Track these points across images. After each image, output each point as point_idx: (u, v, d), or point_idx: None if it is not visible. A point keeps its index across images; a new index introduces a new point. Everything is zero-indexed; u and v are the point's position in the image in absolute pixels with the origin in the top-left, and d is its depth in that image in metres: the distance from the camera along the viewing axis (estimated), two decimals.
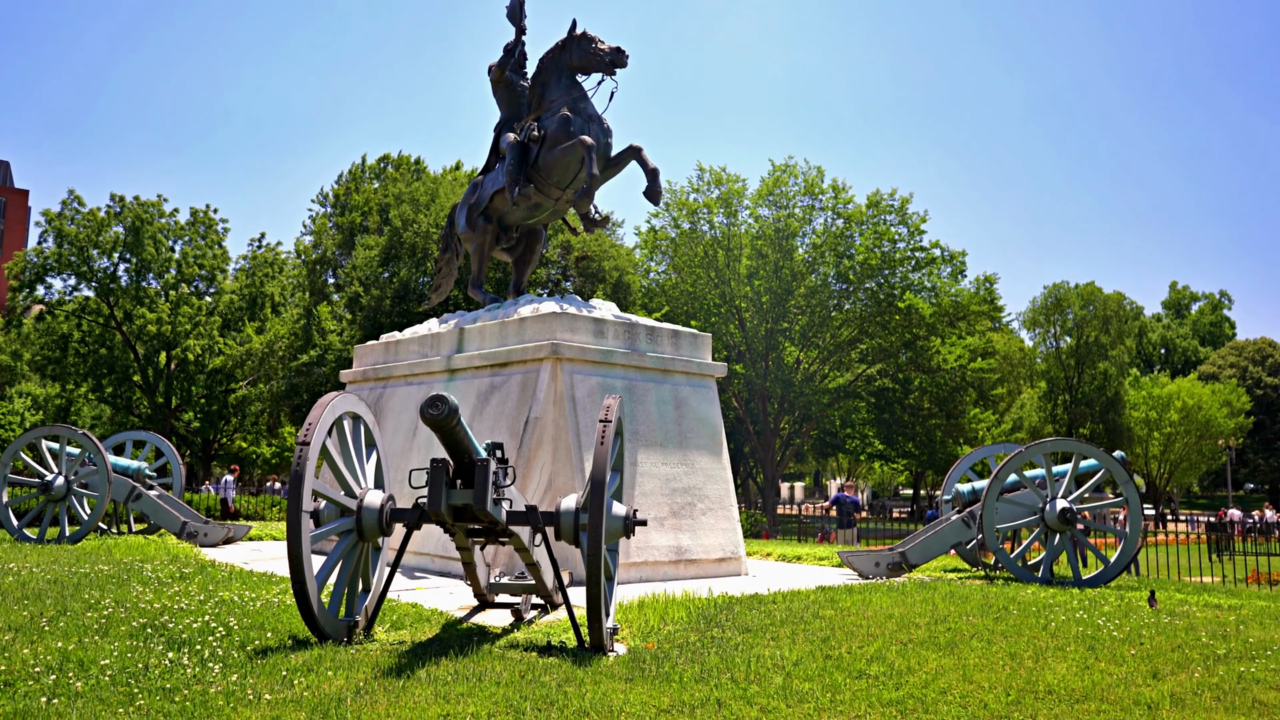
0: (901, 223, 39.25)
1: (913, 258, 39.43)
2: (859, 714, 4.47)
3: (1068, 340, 64.49)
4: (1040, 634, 6.27)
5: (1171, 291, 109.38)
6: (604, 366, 10.61)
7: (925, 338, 40.41)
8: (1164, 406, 63.04)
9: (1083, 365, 62.95)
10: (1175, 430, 63.05)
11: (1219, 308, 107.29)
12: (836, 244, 39.39)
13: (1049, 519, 9.73)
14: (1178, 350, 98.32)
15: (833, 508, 20.47)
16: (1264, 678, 5.40)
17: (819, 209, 40.02)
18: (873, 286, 39.51)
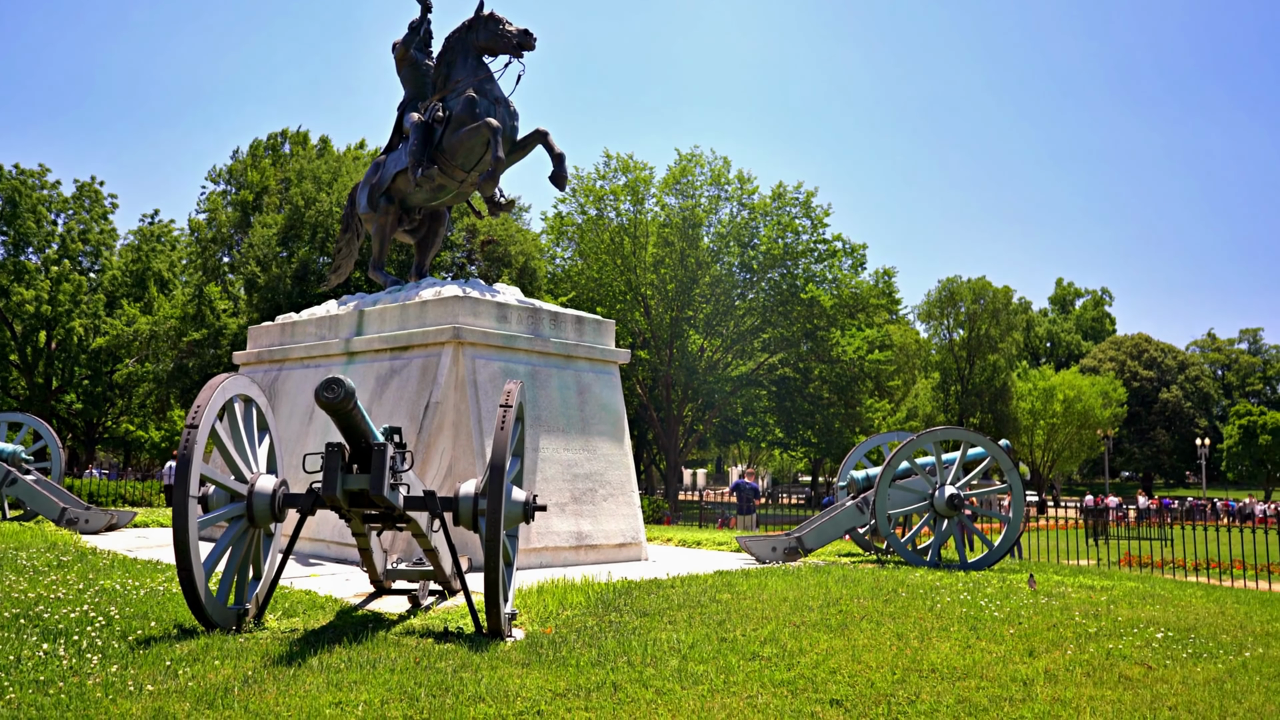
0: (805, 215, 39.99)
1: (815, 250, 40.24)
2: (751, 694, 4.57)
3: (960, 333, 66.76)
4: (927, 615, 6.50)
5: (1058, 288, 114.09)
6: (507, 351, 10.54)
7: (826, 328, 41.30)
8: (1048, 398, 65.91)
9: (974, 357, 65.27)
10: (1058, 420, 66.02)
11: (1101, 304, 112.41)
12: (741, 234, 39.91)
13: (938, 505, 10.08)
14: (1062, 344, 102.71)
15: (733, 494, 20.78)
16: (1130, 653, 5.71)
17: (725, 199, 40.48)
18: (776, 277, 40.17)
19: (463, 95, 11.33)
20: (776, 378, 43.34)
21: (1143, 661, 5.58)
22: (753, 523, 20.94)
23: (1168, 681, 5.22)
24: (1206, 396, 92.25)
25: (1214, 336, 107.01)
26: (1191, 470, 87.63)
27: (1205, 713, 4.73)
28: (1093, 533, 27.47)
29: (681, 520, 30.09)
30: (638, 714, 4.25)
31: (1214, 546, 23.19)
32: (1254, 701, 4.96)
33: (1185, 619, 6.94)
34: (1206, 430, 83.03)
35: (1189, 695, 4.99)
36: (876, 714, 4.42)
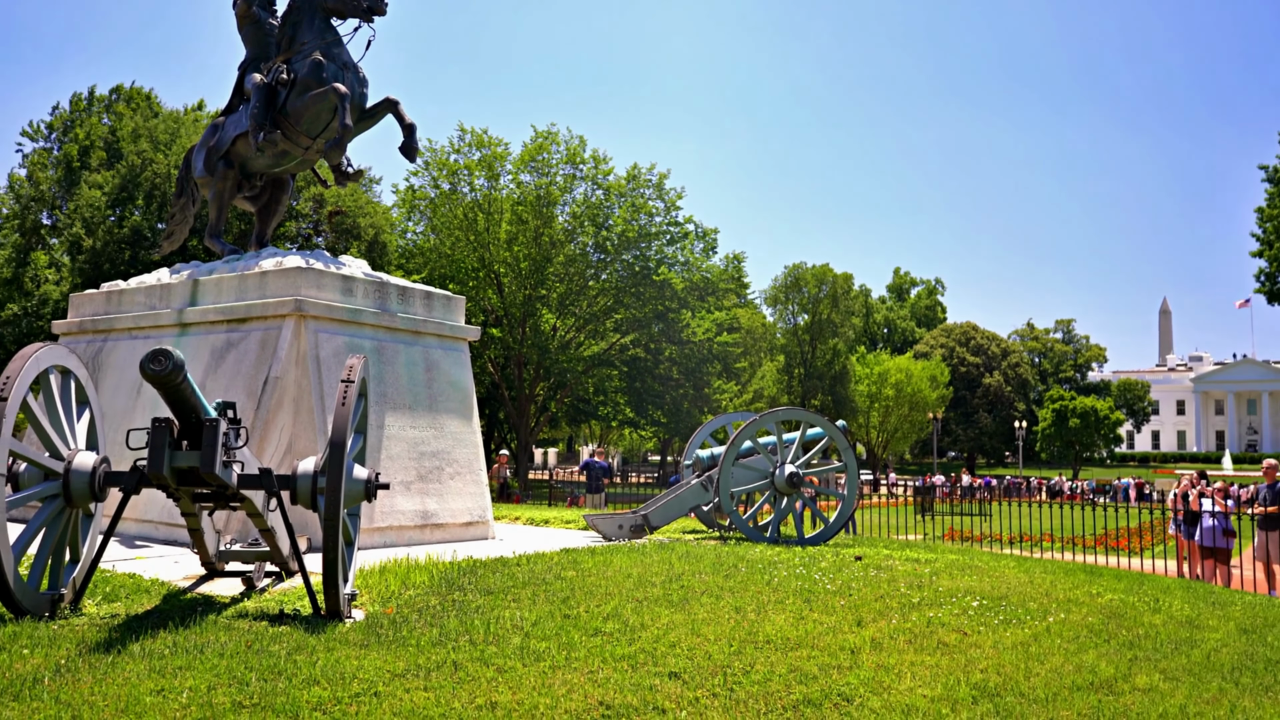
0: (659, 197, 40.43)
1: (668, 232, 40.76)
2: (593, 670, 4.63)
3: (804, 317, 69.07)
4: (764, 589, 6.73)
5: (895, 277, 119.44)
6: (352, 326, 10.24)
7: (677, 310, 41.96)
8: (883, 381, 69.10)
9: (816, 341, 67.69)
10: (891, 402, 69.32)
11: (934, 293, 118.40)
12: (596, 214, 40.00)
13: (778, 483, 10.44)
14: (898, 330, 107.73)
15: (583, 473, 20.89)
16: (948, 621, 6.09)
17: (580, 178, 40.44)
18: (629, 258, 40.49)
19: (309, 58, 10.87)
20: (628, 358, 43.78)
21: (959, 628, 5.95)
22: (601, 501, 21.12)
23: (980, 646, 5.59)
24: (1025, 382, 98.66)
25: (1033, 326, 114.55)
26: (1010, 450, 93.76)
27: (1012, 674, 5.10)
28: (920, 509, 29.05)
29: (531, 499, 30.03)
30: (478, 692, 4.24)
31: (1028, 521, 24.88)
32: (1055, 663, 5.38)
33: (999, 588, 7.44)
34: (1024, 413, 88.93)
35: (999, 658, 5.36)
36: (713, 685, 4.56)
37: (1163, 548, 21.97)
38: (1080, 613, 6.78)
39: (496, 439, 53.20)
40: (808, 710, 4.35)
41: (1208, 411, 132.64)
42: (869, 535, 17.40)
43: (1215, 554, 14.77)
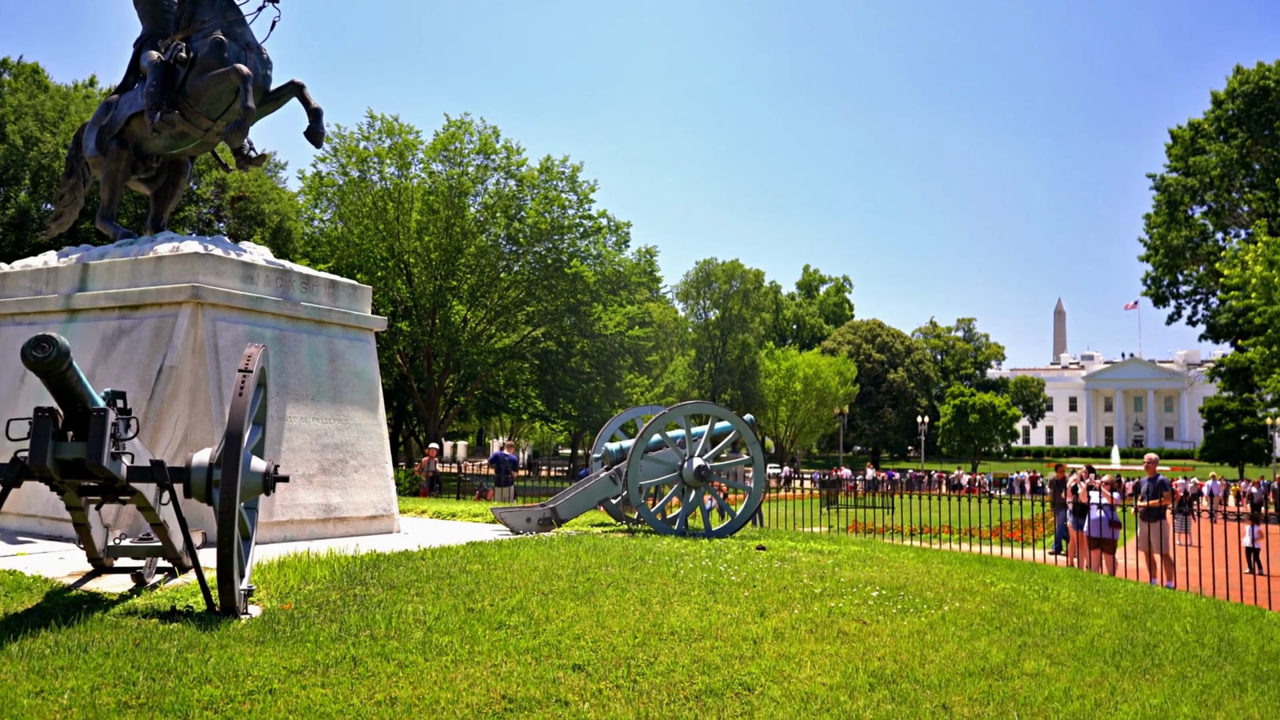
0: (572, 190, 40.28)
1: (581, 225, 40.65)
2: (496, 663, 4.60)
3: (715, 312, 69.76)
4: (670, 581, 6.78)
5: (804, 274, 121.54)
6: (252, 314, 9.94)
7: (589, 304, 41.89)
8: (791, 376, 70.28)
9: (727, 336, 68.43)
10: (799, 397, 70.56)
11: (842, 290, 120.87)
12: (508, 206, 39.66)
13: (687, 476, 10.52)
14: (807, 326, 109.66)
15: (492, 466, 20.73)
16: (849, 611, 6.23)
17: (492, 169, 40.03)
18: (541, 250, 40.26)
19: (210, 37, 10.48)
20: (539, 351, 43.56)
21: (859, 618, 6.09)
22: (511, 494, 20.99)
23: (879, 635, 5.73)
24: (927, 378, 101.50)
25: (935, 324, 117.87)
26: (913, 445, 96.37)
27: (908, 661, 5.24)
28: (826, 502, 29.62)
29: (439, 493, 29.68)
30: (377, 688, 4.17)
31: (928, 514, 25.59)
32: (949, 650, 5.55)
33: (898, 579, 7.64)
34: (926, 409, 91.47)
35: (896, 646, 5.51)
36: (616, 676, 4.57)
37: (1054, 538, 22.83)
38: (974, 601, 7.00)
39: (405, 431, 52.41)
40: (709, 700, 4.40)
41: (1098, 408, 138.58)
42: (776, 528, 17.68)
43: (1102, 544, 15.42)
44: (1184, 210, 49.41)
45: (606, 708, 4.21)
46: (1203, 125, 48.79)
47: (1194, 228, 49.32)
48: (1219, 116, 48.04)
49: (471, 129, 39.33)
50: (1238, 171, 47.00)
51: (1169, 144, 50.31)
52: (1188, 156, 48.64)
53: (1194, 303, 50.75)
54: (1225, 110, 47.84)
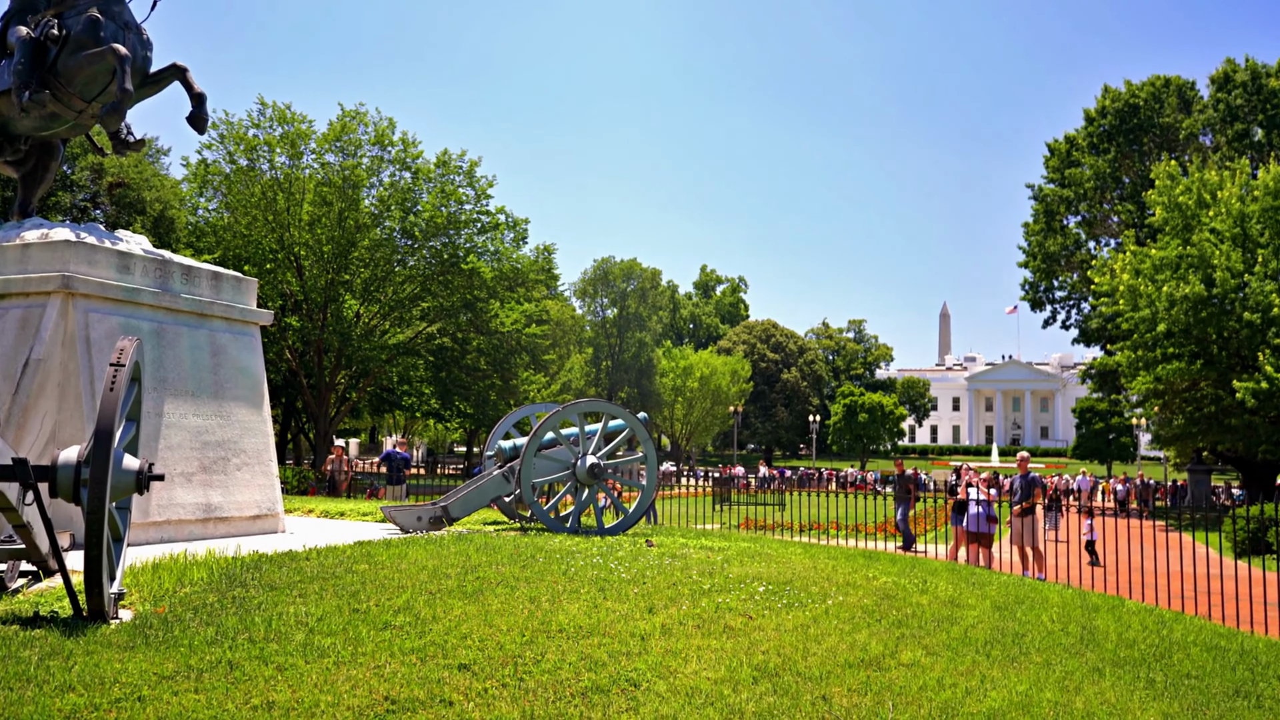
0: (469, 185, 39.76)
1: (478, 220, 40.16)
2: (379, 664, 4.53)
3: (613, 311, 69.93)
4: (560, 578, 6.78)
5: (702, 273, 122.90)
6: (128, 306, 9.54)
7: (486, 300, 41.44)
8: (687, 375, 70.99)
9: (624, 334, 68.67)
10: (695, 396, 71.34)
11: (738, 291, 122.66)
12: (404, 199, 38.91)
13: (580, 474, 10.53)
14: (703, 326, 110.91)
15: (384, 464, 20.36)
16: (735, 606, 6.34)
17: (388, 161, 39.20)
18: (438, 245, 39.64)
19: (85, 15, 9.99)
20: (434, 347, 42.89)
21: (745, 613, 6.20)
22: (403, 493, 20.66)
23: (764, 629, 5.85)
24: (819, 378, 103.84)
25: (827, 325, 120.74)
26: (805, 443, 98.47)
27: (791, 654, 5.37)
28: (719, 500, 30.03)
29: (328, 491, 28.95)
30: (254, 692, 4.06)
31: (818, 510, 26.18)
32: (830, 643, 5.71)
33: (784, 574, 7.81)
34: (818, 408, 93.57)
35: (780, 640, 5.63)
36: (503, 675, 4.56)
37: (934, 533, 23.66)
38: (857, 595, 7.21)
39: (294, 429, 50.97)
40: (595, 696, 4.42)
41: (979, 408, 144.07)
42: (669, 525, 17.83)
43: (979, 539, 16.05)
44: (1060, 220, 51.76)
45: (492, 707, 4.20)
46: (1077, 139, 51.19)
47: (1069, 236, 51.72)
48: (1091, 132, 50.48)
49: (366, 120, 38.45)
50: (1109, 184, 49.45)
51: (1047, 156, 52.62)
52: (1064, 169, 50.97)
53: (1068, 308, 53.19)
54: (1097, 126, 50.31)
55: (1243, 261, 31.11)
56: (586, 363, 68.12)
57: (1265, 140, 43.90)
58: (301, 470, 31.33)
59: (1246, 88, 45.71)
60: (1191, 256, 32.23)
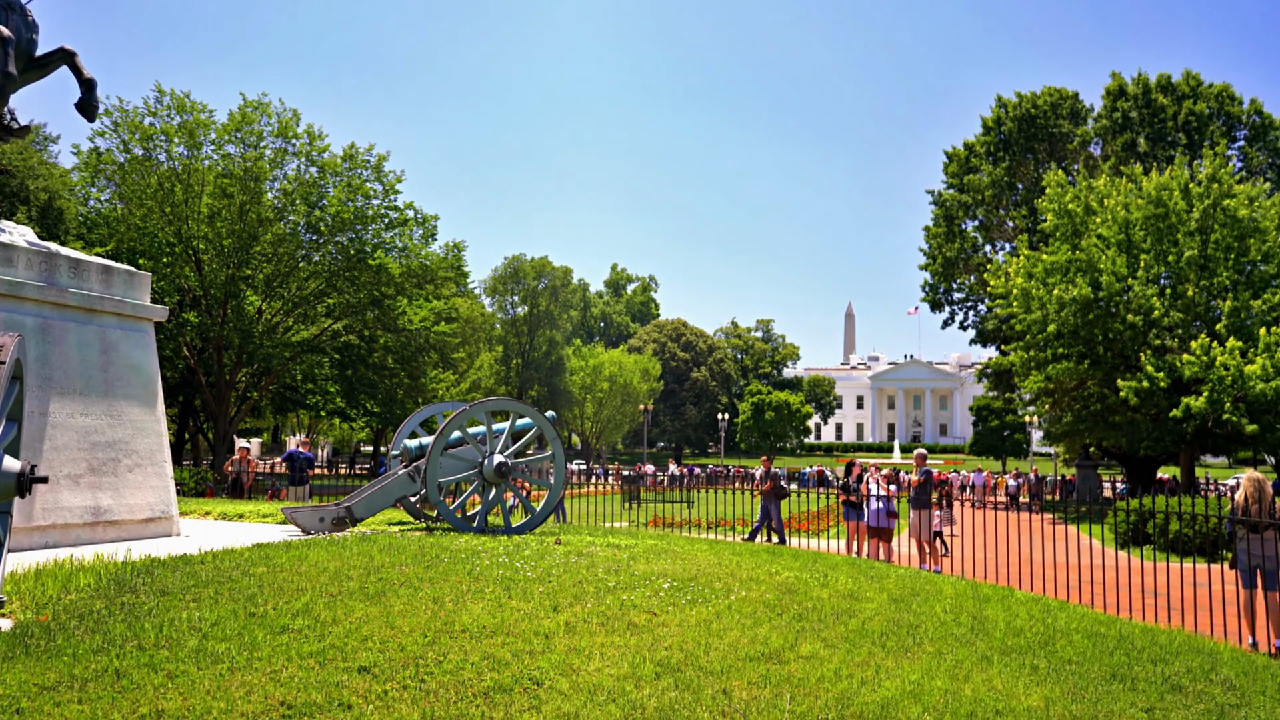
0: (377, 179, 39.05)
1: (386, 216, 39.47)
2: (276, 669, 4.44)
3: (523, 309, 69.55)
4: (465, 578, 6.74)
5: (613, 272, 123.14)
6: (10, 300, 9.12)
7: (393, 297, 40.77)
8: (597, 373, 71.05)
9: (534, 332, 68.37)
10: (606, 394, 71.46)
11: (649, 289, 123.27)
12: (309, 193, 37.99)
13: (487, 473, 10.46)
14: (614, 324, 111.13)
15: (285, 464, 19.87)
16: (640, 603, 6.40)
17: (292, 154, 38.21)
18: (344, 241, 38.84)
19: None
20: (340, 345, 42.02)
21: (650, 609, 6.27)
22: (306, 494, 20.20)
23: (668, 625, 5.92)
24: (728, 377, 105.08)
25: (736, 324, 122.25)
26: (714, 441, 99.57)
27: (694, 649, 5.44)
28: (628, 497, 30.17)
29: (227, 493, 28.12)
30: (142, 701, 3.94)
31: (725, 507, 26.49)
32: (732, 637, 5.81)
33: (690, 570, 7.90)
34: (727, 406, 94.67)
35: (683, 636, 5.71)
36: (404, 677, 4.52)
37: (838, 528, 24.21)
38: (759, 590, 7.34)
39: (192, 428, 49.34)
40: (498, 696, 4.42)
41: (882, 406, 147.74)
42: (578, 523, 17.85)
43: (880, 533, 16.49)
44: (959, 224, 53.48)
45: (391, 709, 4.16)
46: (975, 147, 52.97)
47: (967, 240, 53.47)
48: (988, 141, 52.30)
49: (270, 111, 37.41)
50: (1005, 190, 51.31)
51: (946, 163, 54.30)
52: (963, 175, 52.68)
53: (966, 309, 55.01)
54: (994, 135, 52.14)
55: (1126, 266, 32.59)
56: (496, 361, 67.54)
57: (1149, 151, 46.07)
58: (200, 471, 30.30)
59: (1137, 101, 47.90)
60: (1080, 261, 33.63)
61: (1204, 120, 46.95)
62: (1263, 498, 10.55)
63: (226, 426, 39.34)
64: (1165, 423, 31.94)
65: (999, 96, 52.73)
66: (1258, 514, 10.47)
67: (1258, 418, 29.63)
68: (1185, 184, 32.67)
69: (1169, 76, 48.46)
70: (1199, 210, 31.87)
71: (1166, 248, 32.62)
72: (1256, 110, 47.64)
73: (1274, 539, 10.42)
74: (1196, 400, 29.58)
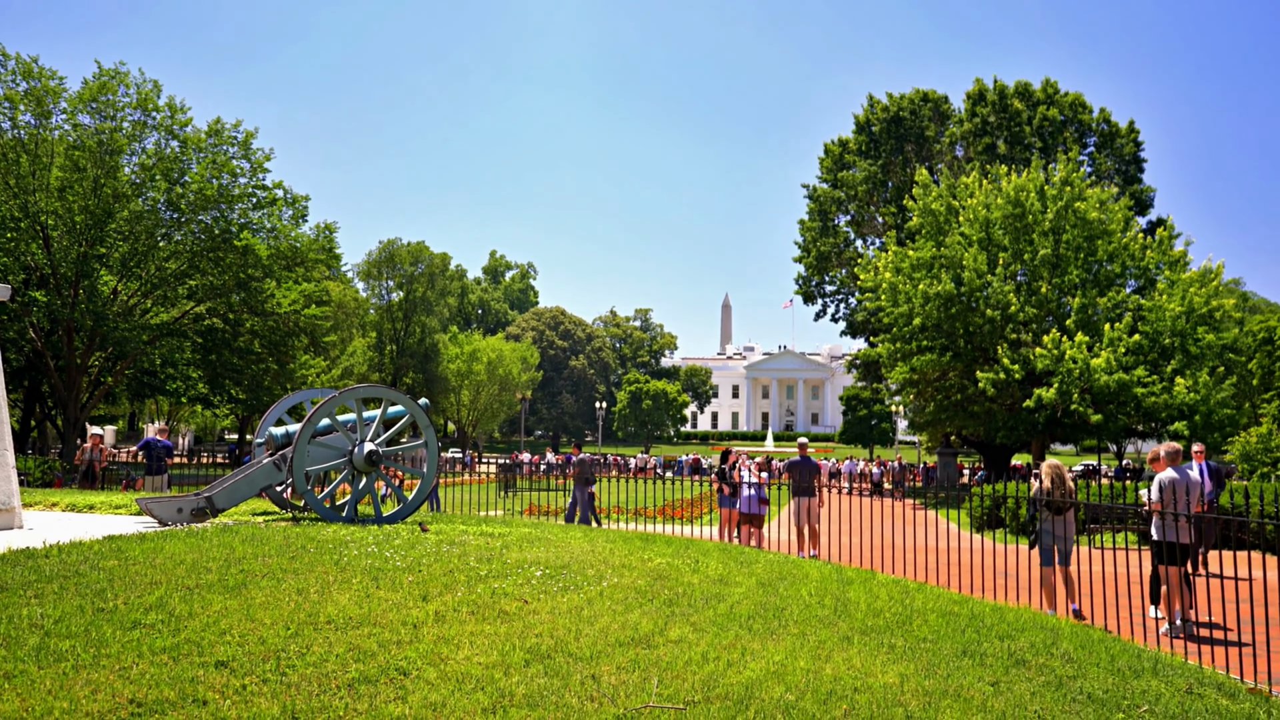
0: (244, 157, 37.54)
1: (253, 195, 38.00)
2: (125, 666, 4.25)
3: (399, 294, 68.08)
4: (332, 569, 6.59)
5: (491, 259, 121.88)
6: None
7: (261, 279, 39.30)
8: (474, 361, 70.27)
9: (410, 318, 67.05)
10: (483, 382, 70.74)
11: (527, 276, 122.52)
12: (170, 169, 36.21)
13: (357, 461, 10.23)
14: (492, 312, 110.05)
15: (142, 452, 18.98)
16: (511, 591, 6.38)
17: (152, 127, 36.33)
18: (208, 220, 37.22)
19: None
20: (203, 328, 40.25)
21: (521, 597, 6.26)
22: (164, 483, 19.30)
23: (539, 613, 5.93)
24: (607, 365, 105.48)
25: (615, 313, 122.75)
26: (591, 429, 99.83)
27: (564, 636, 5.47)
28: (504, 486, 29.97)
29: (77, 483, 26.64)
30: None
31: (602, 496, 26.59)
32: (603, 623, 5.86)
33: (562, 558, 7.92)
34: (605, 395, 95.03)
35: (554, 623, 5.72)
36: (264, 670, 4.39)
37: (712, 515, 24.65)
38: (632, 576, 7.42)
39: (39, 415, 46.47)
40: (363, 687, 4.34)
41: (757, 395, 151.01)
42: (452, 512, 17.64)
43: (752, 520, 16.86)
44: (832, 219, 55.04)
45: (250, 704, 4.04)
46: (849, 144, 54.56)
47: (839, 235, 55.09)
48: (860, 140, 53.97)
49: (128, 81, 35.45)
50: (876, 187, 53.05)
51: (821, 158, 55.76)
52: (836, 170, 54.21)
53: (837, 302, 56.67)
54: (865, 135, 53.84)
55: (987, 263, 34.18)
56: (370, 347, 65.92)
57: (1008, 154, 48.36)
58: (48, 460, 28.52)
59: (995, 106, 50.18)
60: (944, 258, 35.10)
61: (1058, 126, 49.57)
62: (1063, 483, 11.48)
63: (77, 413, 37.22)
64: (1019, 412, 33.67)
65: (870, 96, 54.45)
66: (1060, 497, 11.33)
67: (1102, 408, 31.56)
68: (1040, 186, 34.46)
69: (1028, 84, 50.93)
70: (1053, 212, 33.66)
71: (1023, 247, 34.34)
72: (1105, 119, 50.56)
73: (1070, 520, 11.37)
74: (1047, 391, 31.29)
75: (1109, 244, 33.84)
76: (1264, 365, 58.68)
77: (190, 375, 43.50)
